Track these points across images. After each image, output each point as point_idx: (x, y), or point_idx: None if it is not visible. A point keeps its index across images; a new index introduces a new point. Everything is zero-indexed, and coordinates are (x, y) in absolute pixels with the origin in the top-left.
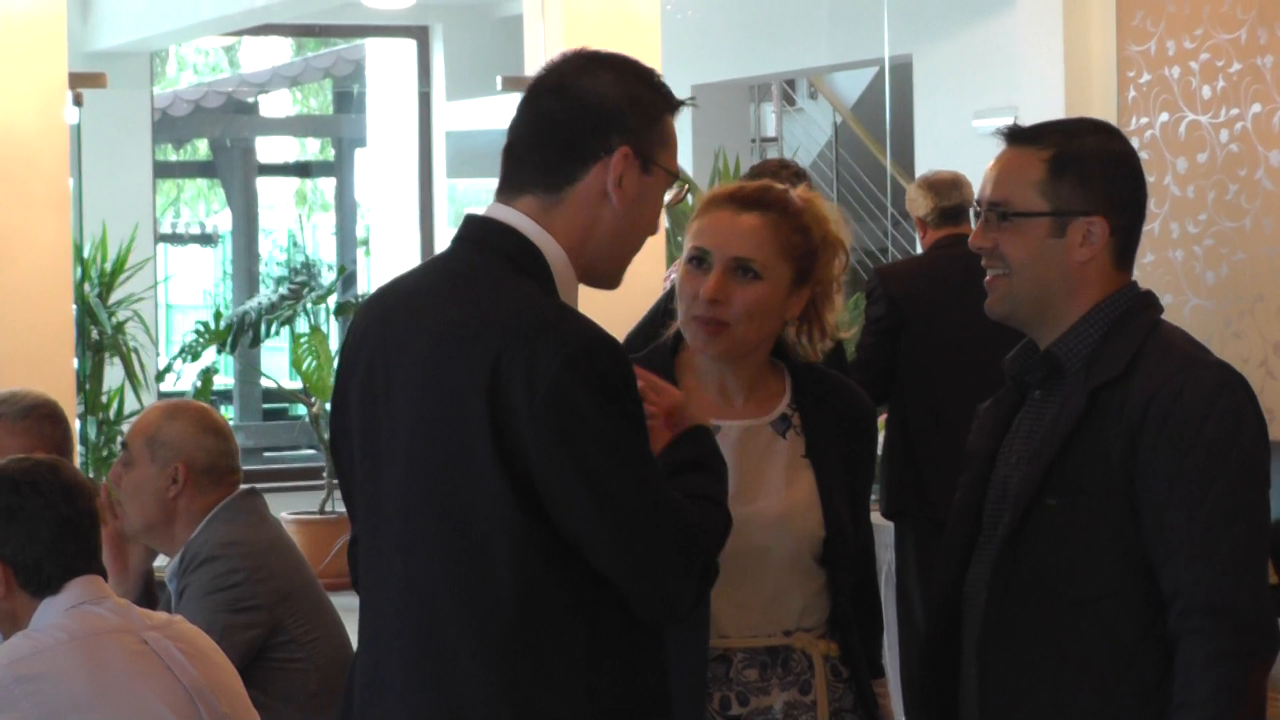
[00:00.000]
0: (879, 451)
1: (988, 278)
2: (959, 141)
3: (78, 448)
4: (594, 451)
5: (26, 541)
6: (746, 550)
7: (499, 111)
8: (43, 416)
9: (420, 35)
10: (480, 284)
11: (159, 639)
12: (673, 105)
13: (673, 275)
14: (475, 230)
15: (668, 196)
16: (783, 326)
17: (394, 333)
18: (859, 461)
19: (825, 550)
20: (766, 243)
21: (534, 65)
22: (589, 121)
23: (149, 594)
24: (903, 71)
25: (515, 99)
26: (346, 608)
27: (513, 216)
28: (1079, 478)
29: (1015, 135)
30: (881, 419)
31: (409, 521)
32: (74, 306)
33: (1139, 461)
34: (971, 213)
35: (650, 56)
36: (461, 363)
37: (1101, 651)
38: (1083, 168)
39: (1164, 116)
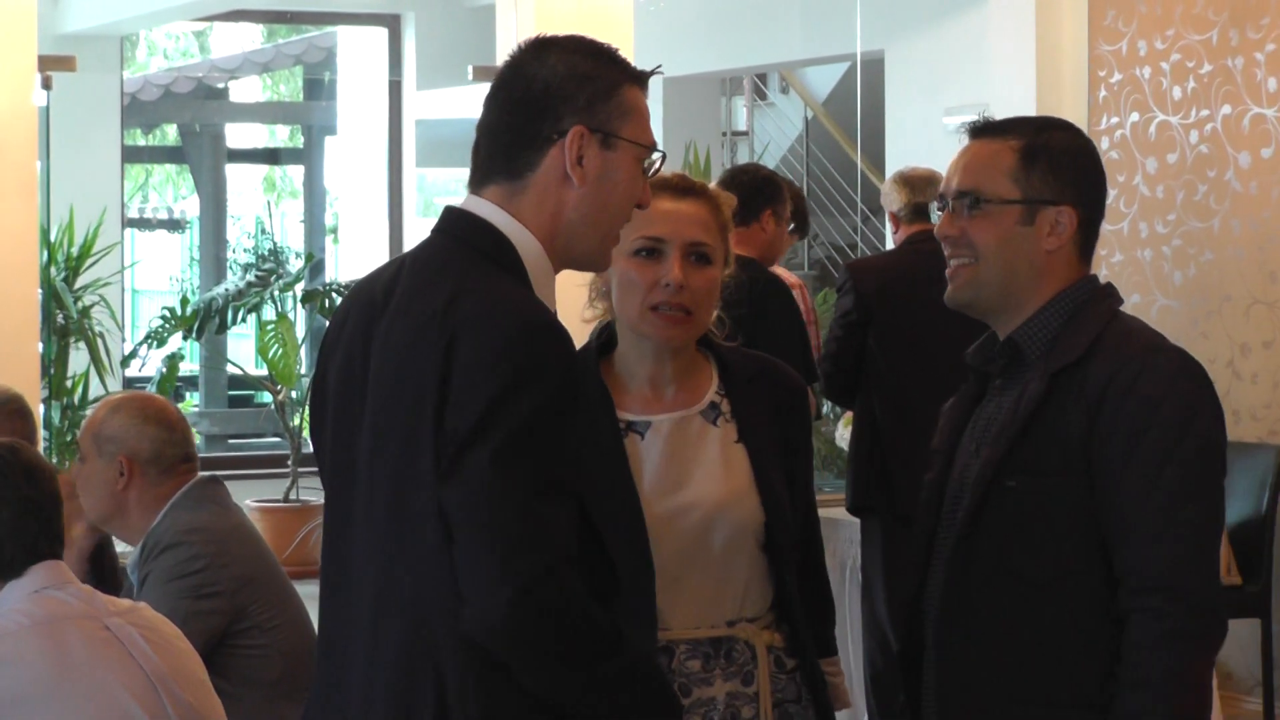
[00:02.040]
0: (845, 448)
1: (950, 267)
2: (930, 138)
3: (41, 432)
4: (497, 429)
5: None
6: (686, 541)
7: (469, 101)
8: (11, 412)
9: (392, 23)
10: (450, 276)
11: (122, 625)
12: (631, 75)
13: None
14: (450, 223)
15: (653, 167)
16: None
17: (370, 323)
18: (793, 443)
19: (766, 535)
20: (712, 227)
21: (505, 56)
22: (538, 105)
23: (112, 579)
24: (874, 67)
25: (485, 89)
26: (310, 595)
27: (484, 208)
28: (1038, 459)
29: (982, 129)
30: (849, 415)
31: (374, 524)
32: (39, 291)
33: (1096, 442)
34: (933, 206)
35: (622, 49)
36: (423, 354)
37: (1060, 633)
38: (1054, 158)
39: (1134, 116)
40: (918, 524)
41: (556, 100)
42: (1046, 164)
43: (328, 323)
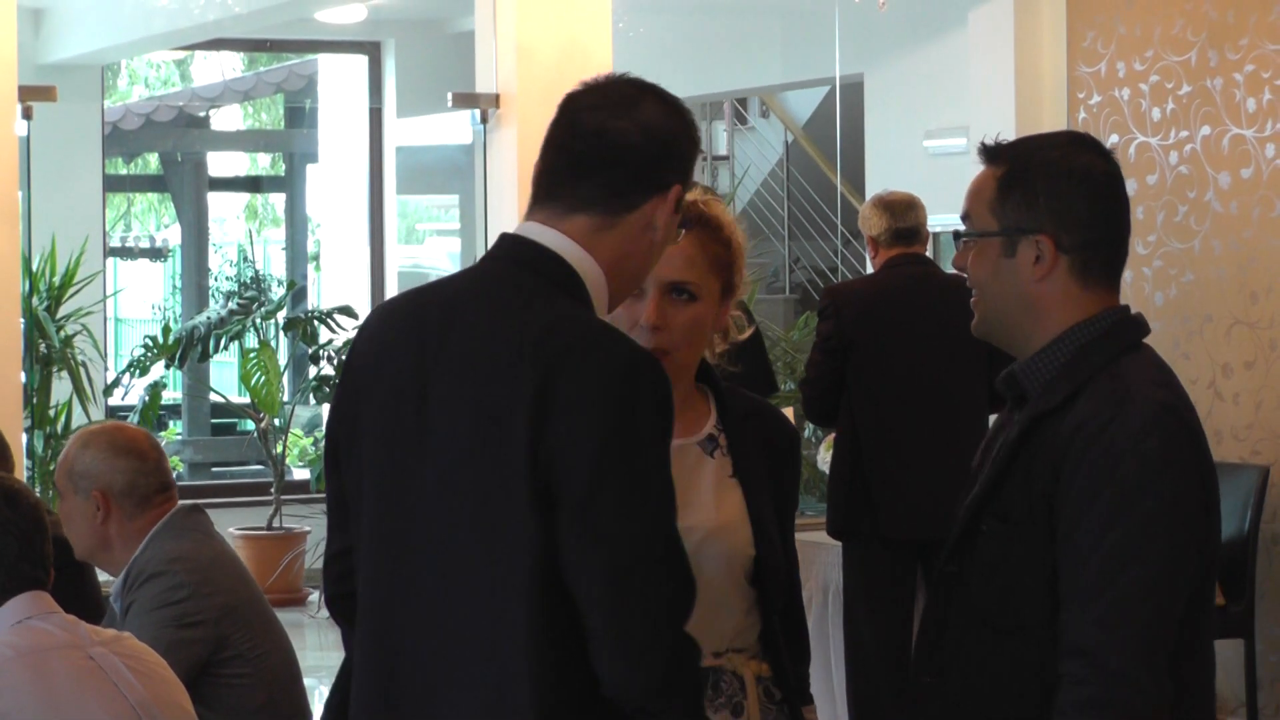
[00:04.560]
0: (826, 471)
1: (971, 299)
2: (910, 161)
3: (24, 461)
4: (631, 468)
5: None
6: None
7: (449, 127)
8: None
9: (372, 51)
10: (533, 305)
11: (106, 655)
12: (699, 142)
13: None
14: (515, 250)
15: None
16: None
17: (427, 350)
18: (784, 486)
19: (756, 569)
20: (698, 262)
21: (485, 83)
22: (658, 154)
23: (95, 607)
24: (854, 91)
25: (465, 116)
26: (294, 623)
27: (553, 238)
28: (1008, 506)
29: (983, 153)
30: (830, 438)
31: (443, 542)
32: (21, 320)
33: (1059, 495)
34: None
35: (602, 73)
36: (507, 381)
37: (1020, 684)
38: (1029, 185)
39: (1114, 138)
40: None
41: (672, 154)
42: (1021, 191)
43: (340, 353)
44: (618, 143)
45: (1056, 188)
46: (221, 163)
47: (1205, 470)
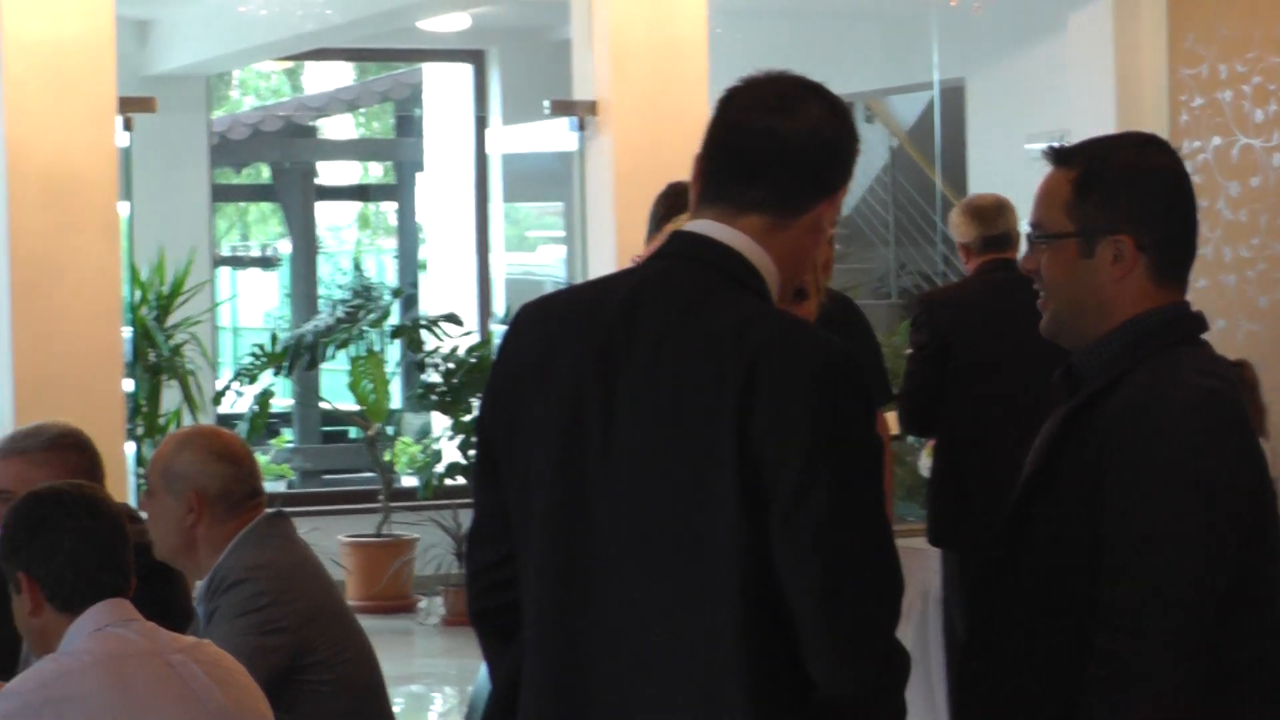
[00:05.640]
0: (927, 477)
1: (1039, 300)
2: (1012, 165)
3: (133, 469)
4: (841, 466)
5: (50, 556)
6: None
7: (554, 135)
8: (67, 447)
9: (477, 59)
10: (714, 299)
11: (185, 662)
12: None
13: None
14: (692, 247)
15: None
16: None
17: (609, 347)
18: None
19: None
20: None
21: (582, 90)
22: (825, 156)
23: (183, 613)
24: (955, 95)
25: (563, 123)
26: (402, 630)
27: (731, 236)
28: (1058, 487)
29: (1052, 156)
30: (931, 445)
31: (636, 546)
32: (128, 330)
33: (1104, 474)
34: (1025, 237)
35: (698, 80)
36: (708, 377)
37: (1070, 665)
38: (1106, 185)
39: (1217, 140)
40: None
41: (842, 158)
42: (1100, 192)
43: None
44: (787, 145)
45: (1135, 188)
46: (330, 172)
47: (1250, 458)
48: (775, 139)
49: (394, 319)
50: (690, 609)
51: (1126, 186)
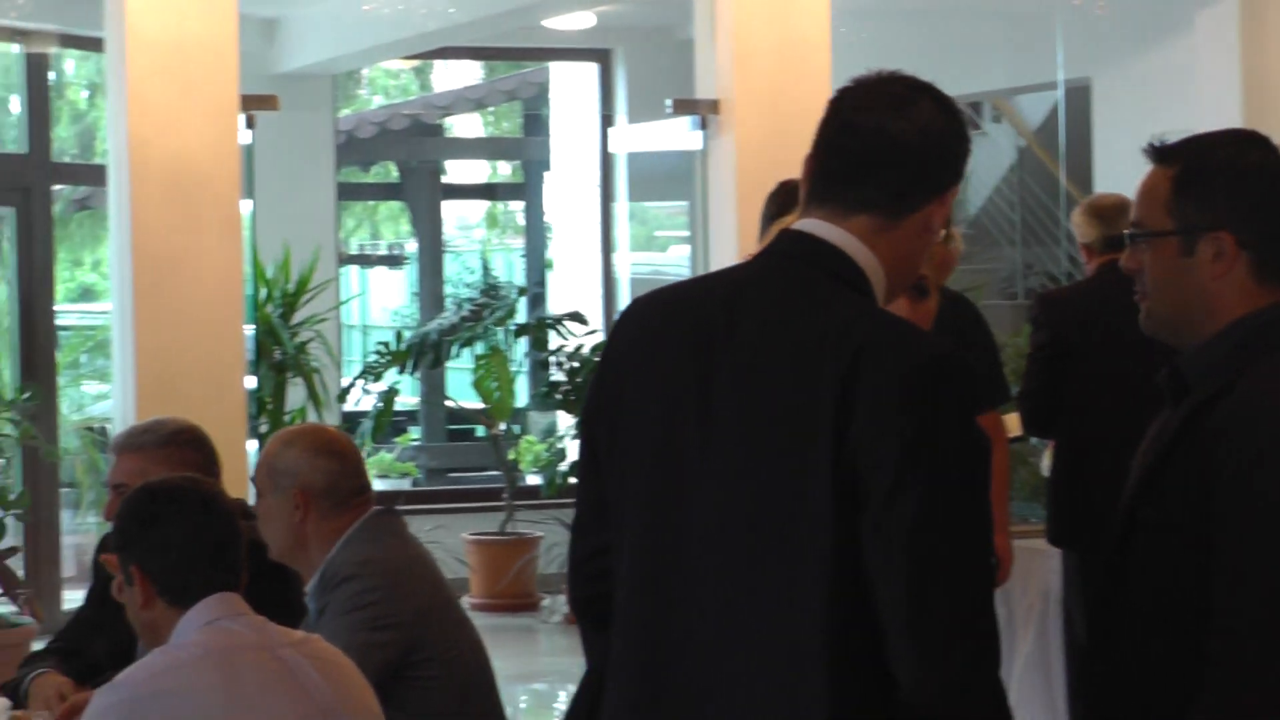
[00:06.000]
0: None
1: (1138, 298)
2: (1137, 165)
3: (254, 466)
4: (935, 468)
5: (162, 550)
6: None
7: (674, 134)
8: (184, 443)
9: (602, 58)
10: (817, 298)
11: (294, 656)
12: None
13: None
14: (799, 246)
15: None
16: None
17: (711, 345)
18: None
19: None
20: (931, 260)
21: (705, 89)
22: (935, 155)
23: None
24: (1081, 95)
25: (685, 122)
26: (525, 628)
27: (838, 236)
28: (1163, 495)
29: (1152, 153)
30: (1051, 447)
31: (728, 539)
32: (251, 327)
33: (1210, 484)
34: (1126, 236)
35: (820, 79)
36: (807, 377)
37: (1176, 674)
38: (1205, 182)
39: None
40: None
41: (952, 157)
42: (1199, 189)
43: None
44: (897, 144)
45: (1235, 184)
46: (457, 170)
47: None
48: (885, 138)
49: (520, 317)
50: (778, 604)
51: (1226, 183)
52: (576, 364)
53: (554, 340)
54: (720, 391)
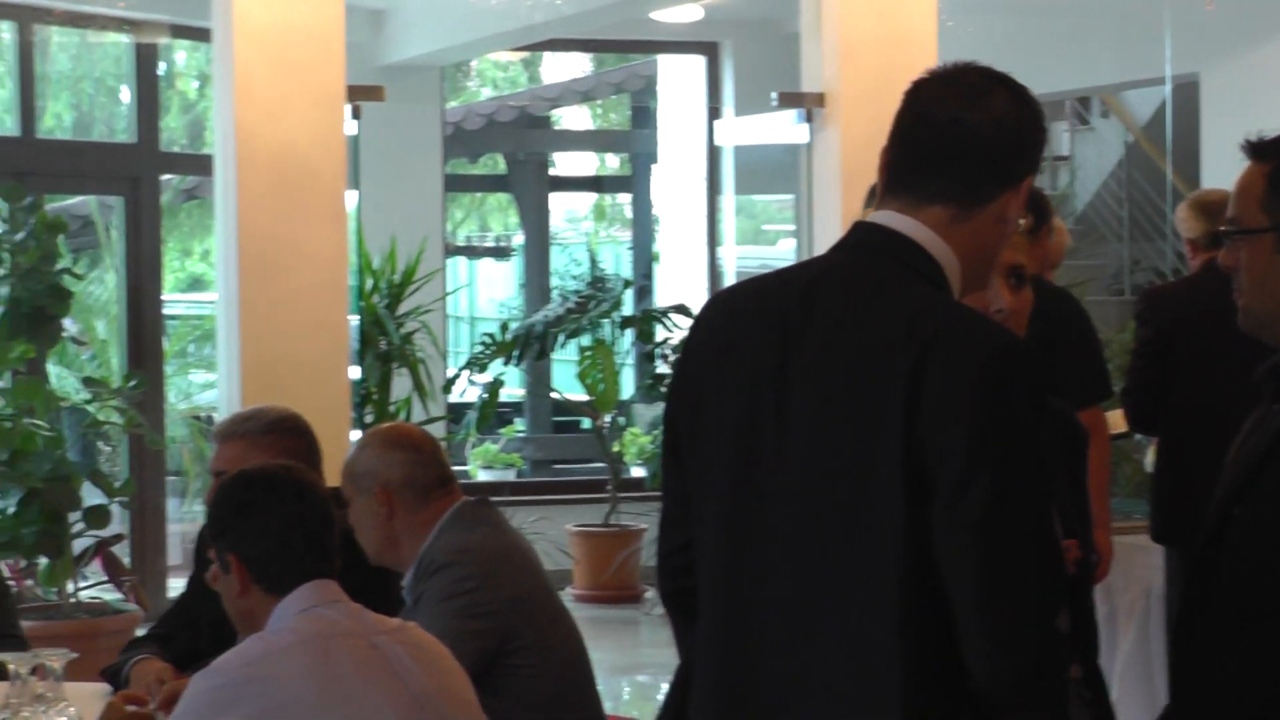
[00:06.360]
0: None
1: (1235, 296)
2: (1245, 161)
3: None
4: (1004, 458)
5: (258, 537)
6: None
7: (780, 127)
8: (285, 431)
9: (710, 51)
10: (890, 290)
11: (389, 644)
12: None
13: None
14: (873, 237)
15: None
16: None
17: (787, 338)
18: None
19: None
20: (1022, 245)
21: (810, 82)
22: (1010, 146)
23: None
24: (1189, 90)
25: (790, 115)
26: (628, 620)
27: (911, 227)
28: (1259, 493)
29: (1248, 150)
30: (1156, 443)
31: (804, 530)
32: (357, 317)
33: None
34: (1221, 233)
35: (948, 62)
36: (879, 368)
37: (1262, 670)
38: None
39: None
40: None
41: (1027, 147)
42: None
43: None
44: (970, 135)
45: None
46: (564, 163)
47: None
48: (958, 129)
49: (627, 310)
50: (851, 593)
51: None
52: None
53: (660, 333)
54: (796, 385)
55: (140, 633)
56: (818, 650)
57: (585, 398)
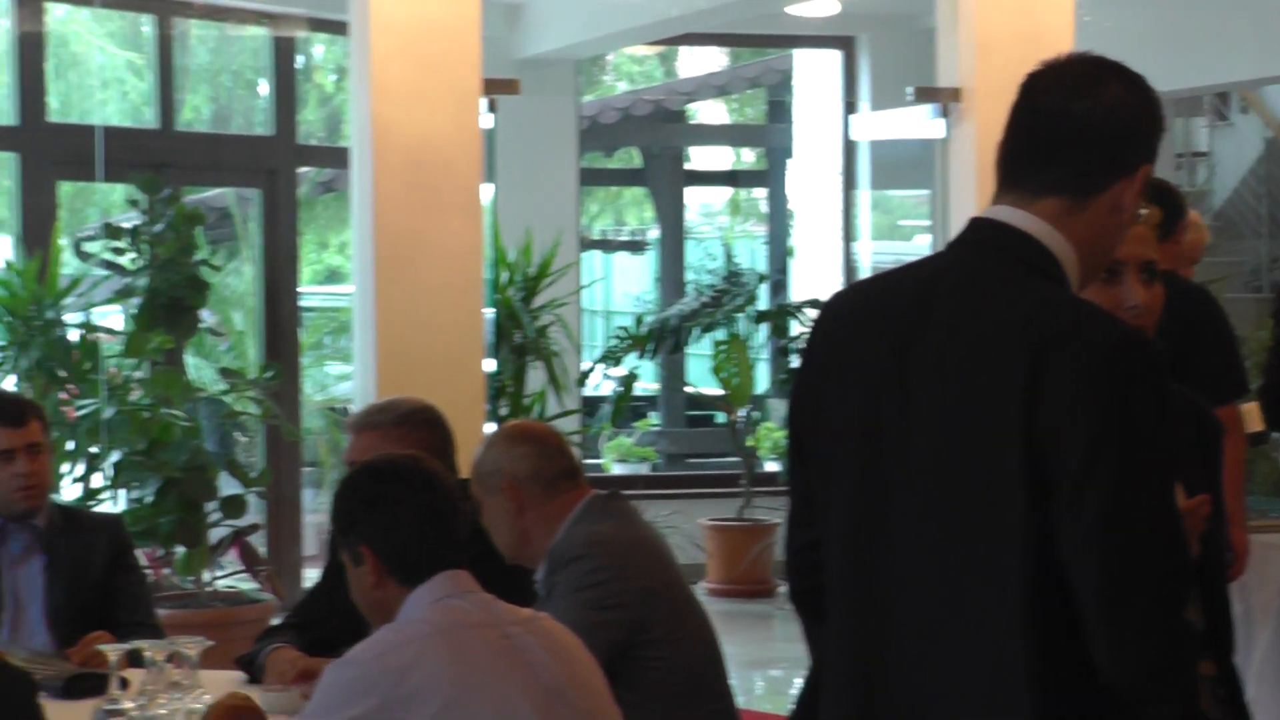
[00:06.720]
0: None
1: None
2: None
3: None
4: (1126, 452)
5: (390, 528)
6: None
7: (916, 122)
8: (419, 423)
9: (846, 46)
10: (1006, 285)
11: (521, 634)
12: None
13: None
14: (987, 233)
15: None
16: None
17: (905, 335)
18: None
19: (1198, 566)
20: (1153, 241)
21: (946, 78)
22: (1123, 135)
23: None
24: None
25: (926, 110)
26: (761, 614)
27: (1026, 221)
28: None
29: None
30: None
31: (928, 528)
32: (492, 310)
33: None
34: None
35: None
36: (998, 365)
37: None
38: None
39: None
40: None
41: (1141, 134)
42: None
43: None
44: (1082, 124)
45: None
46: (699, 157)
47: None
48: (1070, 119)
49: (762, 304)
50: (977, 592)
51: None
52: None
53: (795, 327)
54: (916, 385)
55: (275, 622)
56: (946, 651)
57: (719, 392)
